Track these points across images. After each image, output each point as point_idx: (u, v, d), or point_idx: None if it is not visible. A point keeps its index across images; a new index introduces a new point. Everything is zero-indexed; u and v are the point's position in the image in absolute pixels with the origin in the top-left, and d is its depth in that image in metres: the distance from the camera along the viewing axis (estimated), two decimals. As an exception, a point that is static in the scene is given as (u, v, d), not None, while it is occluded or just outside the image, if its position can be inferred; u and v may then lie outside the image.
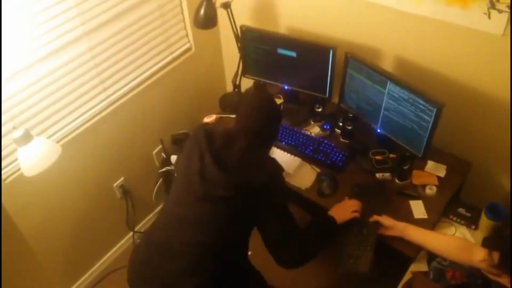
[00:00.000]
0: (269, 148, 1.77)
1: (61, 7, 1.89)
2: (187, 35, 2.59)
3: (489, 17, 1.70)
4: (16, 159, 1.88)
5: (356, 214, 1.80)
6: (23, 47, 1.83)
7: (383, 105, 1.99)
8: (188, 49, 2.63)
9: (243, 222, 1.62)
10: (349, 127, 2.21)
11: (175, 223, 1.64)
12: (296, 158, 2.15)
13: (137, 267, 1.71)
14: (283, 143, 2.23)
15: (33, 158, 1.78)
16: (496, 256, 1.43)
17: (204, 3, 2.22)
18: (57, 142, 2.09)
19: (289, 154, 2.17)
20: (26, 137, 1.75)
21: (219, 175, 1.53)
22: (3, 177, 1.96)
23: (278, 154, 2.17)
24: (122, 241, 2.72)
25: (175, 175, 1.77)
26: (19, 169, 1.93)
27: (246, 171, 1.57)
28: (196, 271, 1.58)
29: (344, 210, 1.82)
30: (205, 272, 1.58)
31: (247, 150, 1.59)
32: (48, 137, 2.06)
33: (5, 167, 1.97)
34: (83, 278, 2.57)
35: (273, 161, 1.66)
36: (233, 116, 2.42)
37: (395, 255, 1.79)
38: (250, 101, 1.72)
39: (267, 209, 1.59)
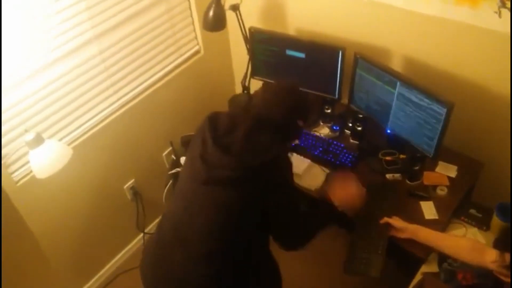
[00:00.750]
0: (283, 140, 1.67)
1: (72, 11, 1.92)
2: (196, 38, 2.61)
3: (499, 16, 1.69)
4: (28, 162, 1.90)
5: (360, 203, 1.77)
6: (34, 51, 1.85)
7: (393, 106, 1.98)
8: (197, 52, 2.64)
9: (250, 206, 1.52)
10: (359, 128, 2.20)
11: (183, 210, 1.59)
12: (306, 159, 2.15)
13: (148, 265, 1.69)
14: (293, 144, 2.23)
15: (44, 160, 1.80)
16: (507, 257, 1.42)
17: (213, 5, 2.23)
18: (68, 144, 2.11)
19: (298, 156, 2.17)
20: (38, 140, 1.77)
21: (221, 157, 1.48)
22: (15, 179, 1.98)
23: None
24: (133, 243, 2.73)
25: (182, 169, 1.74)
26: (31, 171, 1.95)
27: (250, 153, 1.50)
28: (207, 259, 1.54)
29: (347, 197, 1.77)
30: (216, 260, 1.54)
31: (250, 134, 1.52)
32: (59, 140, 2.09)
33: (17, 169, 1.99)
34: (94, 279, 2.58)
35: (281, 144, 1.61)
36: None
37: (406, 256, 1.78)
38: (275, 89, 1.64)
39: (272, 191, 1.52)
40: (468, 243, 1.65)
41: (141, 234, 2.74)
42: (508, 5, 1.65)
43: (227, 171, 1.48)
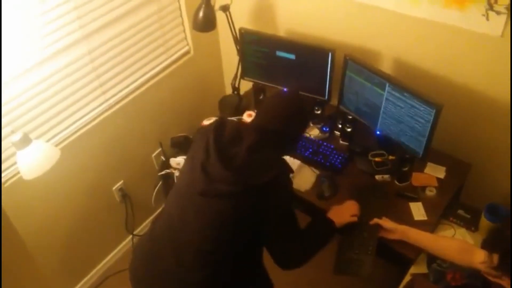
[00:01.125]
0: (284, 152, 1.69)
1: (60, 10, 1.90)
2: (185, 38, 2.60)
3: (487, 19, 1.71)
4: (15, 163, 1.87)
5: (354, 219, 1.78)
6: (22, 51, 1.83)
7: (382, 107, 1.99)
8: (187, 52, 2.63)
9: (245, 222, 1.52)
10: (349, 129, 2.21)
11: (177, 216, 1.58)
12: (296, 160, 2.15)
13: (140, 261, 1.67)
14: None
15: (32, 161, 1.78)
16: (496, 257, 1.43)
17: (203, 6, 2.22)
18: (56, 145, 2.09)
19: (288, 156, 2.17)
20: (25, 141, 1.75)
21: (222, 171, 1.46)
22: (2, 180, 1.95)
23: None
24: (122, 245, 2.71)
25: (179, 176, 1.72)
26: (18, 172, 1.92)
27: (251, 170, 1.49)
28: (198, 267, 1.53)
29: (343, 213, 1.78)
30: (207, 270, 1.54)
31: (254, 148, 1.50)
32: (47, 140, 2.06)
33: (4, 170, 1.96)
34: (83, 281, 2.56)
35: (282, 161, 1.60)
36: (233, 118, 2.43)
37: (395, 257, 1.79)
38: (275, 100, 1.65)
39: (270, 211, 1.52)
40: (457, 244, 1.66)
41: (130, 236, 2.72)
42: (496, 8, 1.66)
43: (226, 186, 1.46)
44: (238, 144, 1.53)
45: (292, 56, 2.21)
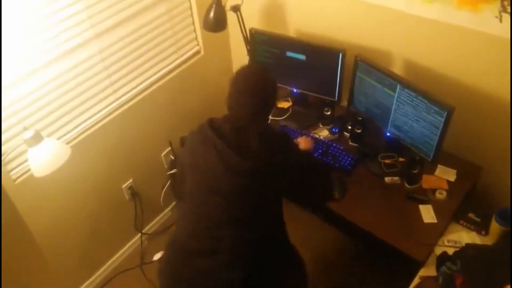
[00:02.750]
0: (270, 115, 1.82)
1: (72, 10, 1.91)
2: (196, 38, 2.60)
3: (500, 21, 1.69)
4: (26, 160, 1.89)
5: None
6: (33, 49, 1.85)
7: (393, 109, 1.98)
8: (197, 52, 2.64)
9: (272, 194, 1.66)
10: (358, 131, 2.20)
11: (199, 221, 1.63)
12: (305, 161, 2.14)
13: (166, 273, 1.71)
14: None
15: (43, 159, 1.80)
16: None
17: (214, 6, 2.23)
18: (67, 143, 2.10)
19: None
20: (37, 138, 1.76)
21: (242, 162, 1.55)
22: (13, 177, 1.97)
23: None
24: (130, 243, 2.73)
25: (182, 174, 1.74)
26: (29, 169, 1.94)
27: (265, 153, 1.59)
28: (236, 258, 1.59)
29: (307, 144, 2.07)
30: (246, 254, 1.60)
31: (262, 133, 1.61)
32: (58, 138, 2.08)
33: (16, 167, 1.98)
34: (91, 279, 2.57)
35: (282, 133, 1.77)
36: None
37: (404, 259, 1.78)
38: (245, 82, 1.70)
39: (292, 173, 1.69)
40: None
41: (139, 234, 2.73)
42: (509, 9, 1.65)
43: (251, 178, 1.57)
44: (245, 136, 1.60)
45: (302, 57, 2.21)
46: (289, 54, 2.23)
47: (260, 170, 1.58)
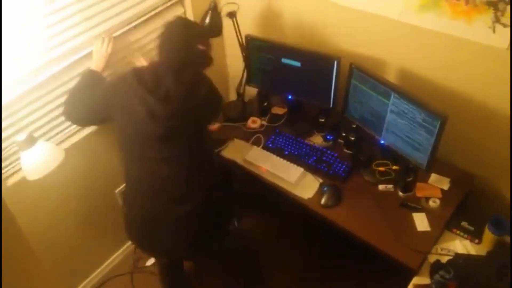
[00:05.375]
0: (206, 67, 1.90)
1: (67, 12, 1.90)
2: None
3: (493, 31, 1.71)
4: (19, 163, 1.88)
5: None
6: (28, 51, 1.84)
7: (387, 116, 1.99)
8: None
9: (199, 132, 1.86)
10: (353, 138, 2.20)
11: (150, 176, 1.80)
12: (299, 168, 2.15)
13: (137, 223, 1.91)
14: (286, 152, 2.23)
15: (36, 162, 1.78)
16: None
17: (210, 12, 2.23)
18: (60, 146, 2.09)
19: (291, 164, 2.17)
20: (30, 141, 1.75)
21: (166, 107, 1.70)
22: (5, 180, 1.95)
23: (281, 164, 2.17)
24: (123, 247, 2.71)
25: (119, 129, 1.84)
26: (22, 172, 1.92)
27: (187, 94, 1.76)
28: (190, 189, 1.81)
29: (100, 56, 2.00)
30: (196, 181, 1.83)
31: (177, 81, 1.74)
32: (51, 141, 2.06)
33: (8, 169, 1.96)
34: (84, 283, 2.55)
35: (203, 75, 1.86)
36: (236, 124, 2.43)
37: (398, 267, 1.78)
38: (170, 35, 1.80)
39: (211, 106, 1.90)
40: None
41: (131, 240, 2.71)
42: (503, 20, 1.66)
43: (176, 121, 1.73)
44: (162, 82, 1.74)
45: (298, 64, 2.22)
46: (284, 60, 2.24)
47: (180, 113, 1.74)
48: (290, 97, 2.40)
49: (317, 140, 2.30)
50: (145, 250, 2.13)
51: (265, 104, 2.48)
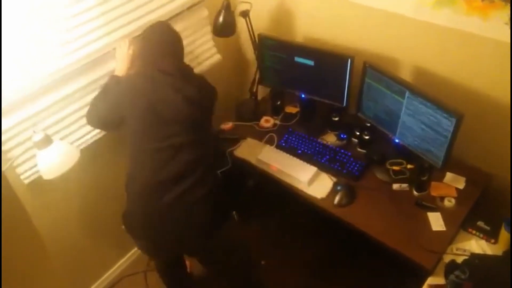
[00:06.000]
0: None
1: (87, 16, 1.91)
2: (214, 45, 2.57)
3: (510, 28, 1.68)
4: (36, 163, 1.90)
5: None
6: (49, 54, 1.85)
7: (402, 115, 1.97)
8: (218, 58, 2.61)
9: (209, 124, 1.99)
10: (366, 137, 2.19)
11: (168, 164, 1.82)
12: (312, 167, 2.14)
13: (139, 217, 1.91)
14: (299, 151, 2.22)
15: (52, 161, 1.80)
16: None
17: (223, 11, 2.24)
18: (76, 146, 2.11)
19: (305, 163, 2.16)
20: (46, 141, 1.77)
21: (200, 92, 1.86)
22: (22, 178, 1.98)
23: (294, 163, 2.17)
24: (136, 248, 2.72)
25: (134, 126, 1.86)
26: (38, 172, 1.95)
27: (202, 86, 1.91)
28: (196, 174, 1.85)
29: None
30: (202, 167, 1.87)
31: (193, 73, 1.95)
32: (67, 141, 2.08)
33: (26, 170, 1.98)
34: (98, 282, 2.58)
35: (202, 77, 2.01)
36: (249, 123, 2.43)
37: (412, 267, 1.76)
38: (161, 42, 1.90)
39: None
40: None
41: (145, 239, 2.73)
42: (520, 16, 1.64)
43: (203, 105, 1.89)
44: (183, 73, 1.89)
45: (311, 62, 2.21)
46: (297, 59, 2.24)
47: (201, 102, 1.86)
48: (303, 96, 2.39)
49: (330, 139, 2.29)
50: (143, 248, 2.17)
51: (278, 103, 2.48)
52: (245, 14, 2.30)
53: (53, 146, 1.80)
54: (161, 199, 1.82)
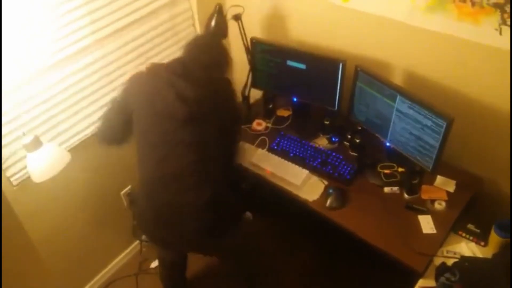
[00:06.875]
0: (226, 71, 1.97)
1: (74, 15, 1.92)
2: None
3: (500, 33, 1.70)
4: (25, 165, 1.89)
5: None
6: (35, 54, 1.85)
7: (393, 119, 1.99)
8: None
9: (219, 136, 1.83)
10: (358, 140, 2.20)
11: (168, 161, 1.78)
12: (304, 170, 2.14)
13: (150, 217, 1.87)
14: (291, 154, 2.23)
15: (42, 164, 1.80)
16: None
17: (215, 14, 2.24)
18: (66, 148, 2.10)
19: (297, 166, 2.17)
20: (36, 143, 1.76)
21: (198, 91, 1.75)
22: (13, 182, 1.97)
23: (286, 166, 2.17)
24: (128, 249, 2.71)
25: (137, 121, 1.83)
26: (28, 175, 1.93)
27: (215, 88, 1.83)
28: (202, 187, 1.78)
29: None
30: (210, 186, 1.80)
31: (205, 72, 1.81)
32: (58, 144, 2.07)
33: (16, 173, 1.97)
34: (89, 285, 2.56)
35: (228, 82, 1.94)
36: (241, 126, 2.43)
37: (403, 270, 1.77)
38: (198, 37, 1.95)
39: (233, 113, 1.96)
40: None
41: (137, 241, 2.72)
42: (509, 22, 1.66)
43: (204, 107, 1.76)
44: (191, 69, 1.80)
45: (303, 66, 2.22)
46: (289, 63, 2.24)
47: (207, 100, 1.77)
48: (295, 99, 2.40)
49: (322, 142, 2.30)
50: (157, 242, 2.09)
51: (270, 106, 2.48)
52: (237, 17, 2.30)
53: (43, 148, 1.78)
54: (161, 195, 1.80)
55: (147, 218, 1.89)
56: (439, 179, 2.04)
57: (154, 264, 2.64)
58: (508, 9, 1.64)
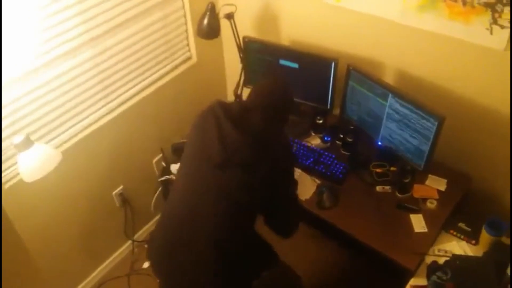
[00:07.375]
0: (284, 125, 1.76)
1: (65, 14, 1.90)
2: (188, 45, 2.60)
3: (491, 33, 1.71)
4: (15, 164, 1.87)
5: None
6: (26, 53, 1.83)
7: (384, 118, 1.99)
8: (188, 58, 2.63)
9: (257, 191, 1.60)
10: (350, 140, 2.20)
11: (192, 198, 1.64)
12: (296, 169, 2.14)
13: (159, 254, 1.73)
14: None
15: (33, 164, 1.78)
16: None
17: (208, 13, 2.24)
18: (57, 148, 2.09)
19: (289, 165, 2.17)
20: (27, 143, 1.75)
21: (240, 138, 1.54)
22: (2, 182, 1.95)
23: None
24: (121, 250, 2.70)
25: (184, 154, 1.73)
26: (18, 174, 1.92)
27: (266, 138, 1.60)
28: (219, 242, 1.60)
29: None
30: (227, 243, 1.62)
31: (265, 122, 1.60)
32: (48, 143, 2.06)
33: (5, 171, 1.96)
34: (81, 285, 2.55)
35: (285, 134, 1.75)
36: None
37: (395, 268, 1.78)
38: (266, 82, 1.78)
39: (281, 175, 1.65)
40: None
41: (129, 242, 2.71)
42: (500, 22, 1.67)
43: (241, 156, 1.54)
44: (248, 118, 1.60)
45: (295, 65, 2.22)
46: (282, 62, 2.24)
47: (252, 152, 1.55)
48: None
49: (314, 141, 2.30)
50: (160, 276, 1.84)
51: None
52: (229, 16, 2.30)
53: (34, 148, 1.77)
54: (175, 232, 1.66)
55: (153, 247, 1.77)
56: (431, 178, 2.05)
57: (146, 264, 2.63)
58: (499, 8, 1.65)
